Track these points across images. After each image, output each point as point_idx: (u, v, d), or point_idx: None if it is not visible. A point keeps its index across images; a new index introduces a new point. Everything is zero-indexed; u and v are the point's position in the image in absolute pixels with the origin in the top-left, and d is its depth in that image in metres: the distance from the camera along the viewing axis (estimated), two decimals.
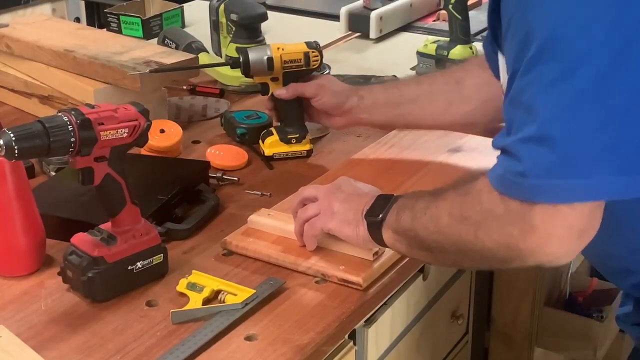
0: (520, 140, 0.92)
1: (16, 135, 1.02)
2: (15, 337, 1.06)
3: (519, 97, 0.92)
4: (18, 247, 1.20)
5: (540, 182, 0.90)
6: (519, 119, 0.92)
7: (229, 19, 1.84)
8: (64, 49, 1.67)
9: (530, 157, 0.91)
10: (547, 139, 0.89)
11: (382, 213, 1.13)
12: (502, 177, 0.95)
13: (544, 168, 0.90)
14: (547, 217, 0.91)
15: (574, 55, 0.87)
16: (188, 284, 1.16)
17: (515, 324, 1.88)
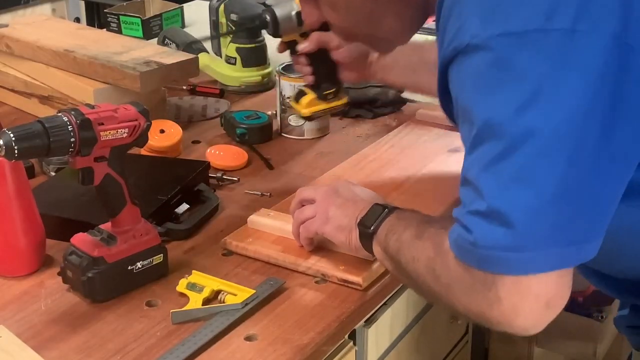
0: (468, 213, 0.90)
1: (16, 135, 1.02)
2: (15, 337, 1.06)
3: (466, 175, 0.92)
4: (18, 247, 1.20)
5: (491, 252, 0.88)
6: (469, 196, 0.91)
7: (229, 19, 1.84)
8: (64, 49, 1.67)
9: (479, 230, 0.89)
10: (492, 215, 0.88)
11: (374, 225, 1.12)
12: (457, 243, 0.93)
13: (494, 240, 0.88)
14: (512, 289, 0.89)
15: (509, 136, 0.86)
16: (188, 284, 1.16)
17: None
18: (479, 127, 0.88)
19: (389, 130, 1.67)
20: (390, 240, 1.08)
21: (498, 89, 0.86)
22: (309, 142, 1.63)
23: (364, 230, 1.13)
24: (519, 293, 0.89)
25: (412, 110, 1.74)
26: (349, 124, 1.71)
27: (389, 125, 1.69)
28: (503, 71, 0.85)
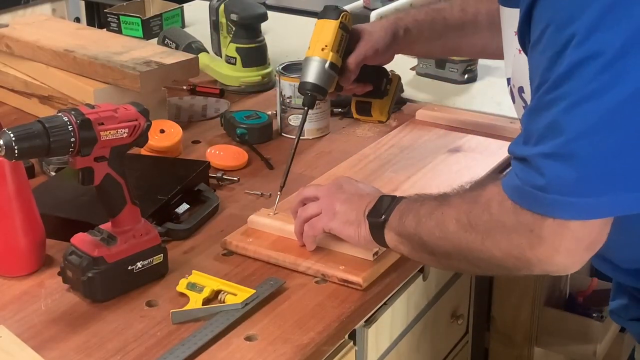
0: (542, 155, 0.92)
1: (16, 135, 1.02)
2: (15, 337, 1.06)
3: (543, 111, 0.92)
4: (18, 247, 1.20)
5: (560, 198, 0.92)
6: (541, 132, 0.93)
7: (229, 19, 1.84)
8: (64, 49, 1.67)
9: (552, 173, 0.92)
10: (570, 157, 0.90)
11: (385, 214, 1.13)
12: (520, 188, 0.96)
13: (565, 185, 0.91)
14: (557, 231, 0.93)
15: (607, 77, 0.88)
16: (188, 284, 1.16)
17: (515, 324, 1.88)
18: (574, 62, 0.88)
19: (389, 130, 1.67)
20: (407, 220, 1.10)
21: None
22: (309, 142, 1.63)
23: (374, 221, 1.14)
24: (563, 235, 0.94)
25: (412, 110, 1.74)
26: (349, 124, 1.71)
27: (389, 125, 1.69)
28: None
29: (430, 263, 1.16)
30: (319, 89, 1.37)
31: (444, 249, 1.06)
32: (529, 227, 0.95)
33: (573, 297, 1.97)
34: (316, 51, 1.37)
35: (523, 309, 1.86)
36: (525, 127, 0.97)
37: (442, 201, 1.07)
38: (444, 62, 1.89)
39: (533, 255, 0.96)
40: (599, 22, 0.87)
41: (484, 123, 1.64)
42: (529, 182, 0.94)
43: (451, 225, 1.04)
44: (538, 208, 0.94)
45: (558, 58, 0.90)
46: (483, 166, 1.50)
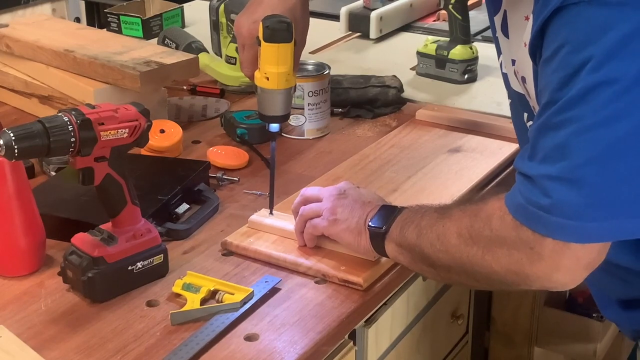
0: (548, 177, 0.93)
1: (16, 135, 1.02)
2: (15, 337, 1.06)
3: (552, 131, 0.93)
4: (18, 247, 1.20)
5: (563, 221, 0.92)
6: (548, 152, 0.93)
7: (229, 19, 1.84)
8: (64, 49, 1.67)
9: (558, 196, 0.92)
10: (577, 182, 0.91)
11: (386, 225, 1.13)
12: (524, 207, 0.96)
13: (569, 209, 0.92)
14: (558, 250, 0.95)
15: (621, 104, 0.88)
16: (184, 284, 1.15)
17: (515, 324, 1.88)
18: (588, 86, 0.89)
19: (389, 130, 1.67)
20: (407, 232, 1.10)
21: None
22: (309, 142, 1.63)
23: (375, 231, 1.14)
24: (563, 255, 0.94)
25: (412, 110, 1.74)
26: (349, 124, 1.71)
27: (389, 125, 1.69)
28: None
29: (430, 275, 1.16)
30: (288, 115, 1.35)
31: (444, 261, 1.07)
32: (529, 244, 0.96)
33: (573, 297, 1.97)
34: (281, 83, 1.28)
35: (523, 309, 1.86)
36: (533, 143, 0.97)
37: (443, 213, 1.08)
38: (444, 62, 1.89)
39: (532, 271, 0.97)
40: (618, 49, 0.88)
41: (484, 123, 1.64)
42: (533, 201, 0.95)
43: (452, 238, 1.04)
44: (541, 228, 0.95)
45: (571, 80, 0.90)
46: (483, 166, 1.50)
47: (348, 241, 1.18)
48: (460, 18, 1.87)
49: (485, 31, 2.17)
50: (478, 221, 1.02)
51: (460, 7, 1.87)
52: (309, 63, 1.67)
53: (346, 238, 1.18)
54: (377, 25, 2.16)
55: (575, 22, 0.91)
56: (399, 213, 1.14)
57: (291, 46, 1.27)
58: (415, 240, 1.09)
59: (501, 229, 0.99)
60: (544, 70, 0.96)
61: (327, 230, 1.20)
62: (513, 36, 1.14)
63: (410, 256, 1.11)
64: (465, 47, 1.89)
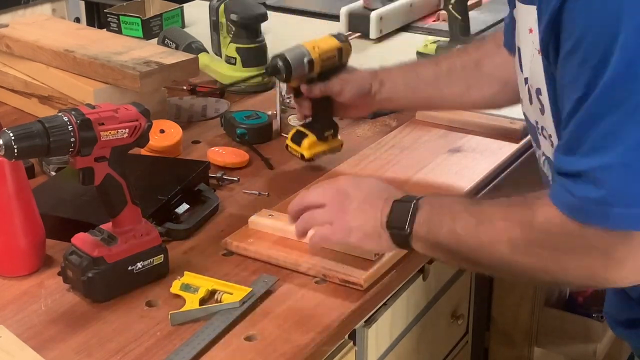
0: (600, 168, 0.90)
1: (16, 135, 1.02)
2: (15, 337, 1.06)
3: (596, 120, 0.89)
4: (18, 247, 1.20)
5: (625, 210, 0.89)
6: (597, 142, 0.90)
7: (229, 19, 1.84)
8: (64, 49, 1.67)
9: (614, 185, 0.89)
10: (631, 167, 0.88)
11: (407, 224, 1.09)
12: (579, 206, 0.93)
13: (629, 196, 0.89)
14: (630, 247, 0.92)
15: None
16: (182, 285, 1.15)
17: (515, 324, 1.88)
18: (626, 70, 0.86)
19: (389, 130, 1.67)
20: (440, 234, 1.07)
21: None
22: None
23: (397, 233, 1.10)
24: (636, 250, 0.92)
25: None
26: (349, 124, 1.71)
27: (389, 126, 1.69)
28: None
29: (474, 269, 1.16)
30: (287, 64, 1.41)
31: (494, 269, 1.07)
32: (601, 249, 0.93)
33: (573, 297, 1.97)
34: (307, 45, 1.44)
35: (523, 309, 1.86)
36: (574, 137, 0.93)
37: (480, 219, 1.04)
38: None
39: (608, 275, 0.95)
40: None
41: (484, 123, 1.64)
42: (587, 197, 0.91)
43: (504, 250, 1.01)
44: (604, 223, 0.91)
45: (604, 65, 0.87)
46: (483, 166, 1.50)
47: (369, 247, 1.15)
48: (460, 18, 1.88)
49: (485, 31, 2.17)
50: (534, 232, 0.98)
51: (460, 7, 1.87)
52: None
53: (367, 244, 1.14)
54: (377, 25, 2.16)
55: (590, 8, 0.88)
56: (418, 209, 1.09)
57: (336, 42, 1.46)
58: (456, 246, 1.05)
59: (566, 238, 0.95)
60: (568, 65, 0.92)
61: (344, 240, 1.15)
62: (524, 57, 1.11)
63: (448, 255, 1.10)
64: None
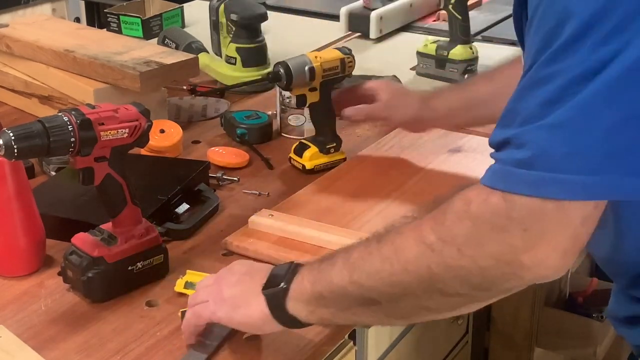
0: (529, 130, 0.83)
1: (16, 135, 1.02)
2: (15, 337, 1.06)
3: (534, 88, 0.85)
4: (18, 247, 1.20)
5: (550, 175, 0.82)
6: (530, 109, 0.84)
7: (229, 19, 1.84)
8: (64, 49, 1.67)
9: (541, 145, 0.82)
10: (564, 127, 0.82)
11: (284, 280, 0.98)
12: (501, 170, 0.86)
13: (554, 158, 0.82)
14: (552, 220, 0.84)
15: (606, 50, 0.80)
16: (186, 283, 1.15)
17: (515, 324, 1.88)
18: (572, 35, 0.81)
19: (389, 130, 1.66)
20: (332, 277, 0.95)
21: None
22: None
23: (273, 292, 0.98)
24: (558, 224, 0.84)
25: None
26: (349, 124, 1.71)
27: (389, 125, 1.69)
28: None
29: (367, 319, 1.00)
30: (288, 71, 1.44)
31: (396, 287, 0.91)
32: (522, 224, 0.84)
33: (573, 297, 1.97)
34: (310, 55, 1.48)
35: (523, 309, 1.86)
36: (511, 108, 0.87)
37: (382, 237, 0.94)
38: (444, 62, 1.89)
39: (523, 257, 0.85)
40: None
41: None
42: (512, 159, 0.84)
43: (411, 250, 0.90)
44: (526, 189, 0.83)
45: (555, 32, 0.83)
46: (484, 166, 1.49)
47: (238, 320, 1.01)
48: (460, 18, 1.87)
49: (485, 31, 2.17)
50: (448, 217, 0.88)
51: (460, 7, 1.87)
52: None
53: (236, 317, 1.01)
54: (377, 25, 2.16)
55: None
56: (297, 267, 0.99)
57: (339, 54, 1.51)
58: (348, 279, 0.93)
59: (486, 213, 0.86)
60: (527, 41, 0.88)
61: (214, 314, 1.02)
62: None
63: (336, 305, 0.96)
64: (465, 47, 1.89)
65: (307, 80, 1.46)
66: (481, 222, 0.86)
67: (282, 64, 1.45)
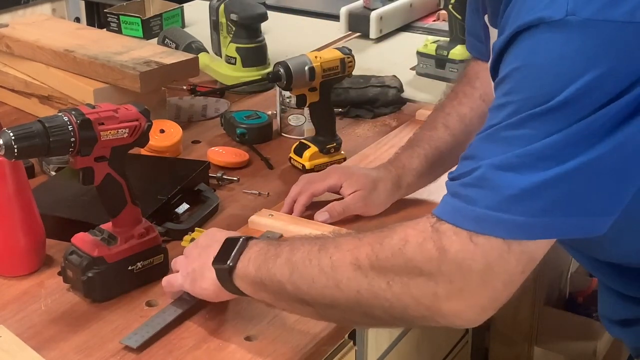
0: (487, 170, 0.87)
1: (16, 135, 1.02)
2: (15, 337, 1.06)
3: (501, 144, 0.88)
4: (18, 247, 1.20)
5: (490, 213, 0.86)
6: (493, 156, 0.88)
7: (229, 19, 1.84)
8: (64, 49, 1.67)
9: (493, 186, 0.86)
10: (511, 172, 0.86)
11: (231, 258, 1.03)
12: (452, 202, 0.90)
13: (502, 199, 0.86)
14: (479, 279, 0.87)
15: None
16: (191, 240, 1.17)
17: (515, 323, 1.88)
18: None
19: (389, 130, 1.67)
20: (273, 268, 0.99)
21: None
22: None
23: (220, 268, 1.04)
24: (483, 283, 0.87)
25: (412, 110, 1.74)
26: (349, 124, 1.71)
27: (389, 125, 1.69)
28: None
29: (302, 313, 1.04)
30: (288, 71, 1.44)
31: (328, 298, 0.96)
32: (449, 277, 0.88)
33: (573, 297, 1.97)
34: (310, 55, 1.48)
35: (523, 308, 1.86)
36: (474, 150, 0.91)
37: (324, 245, 0.97)
38: (444, 62, 1.89)
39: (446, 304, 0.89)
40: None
41: None
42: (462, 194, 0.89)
43: (346, 271, 0.94)
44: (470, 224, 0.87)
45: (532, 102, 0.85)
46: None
47: (197, 292, 1.08)
48: (460, 18, 1.87)
49: None
50: (384, 250, 0.92)
51: (460, 7, 1.87)
52: None
53: (196, 289, 1.08)
54: (377, 25, 2.16)
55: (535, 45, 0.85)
56: (245, 244, 1.04)
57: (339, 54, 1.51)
58: (287, 278, 0.98)
59: (419, 257, 0.89)
60: (496, 91, 0.91)
61: (182, 287, 1.11)
62: None
63: (275, 295, 1.01)
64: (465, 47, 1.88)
65: (307, 80, 1.46)
66: (412, 265, 0.90)
67: (282, 64, 1.46)
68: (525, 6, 0.87)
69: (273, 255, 1.01)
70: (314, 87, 1.47)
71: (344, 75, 1.51)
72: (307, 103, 1.49)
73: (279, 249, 1.01)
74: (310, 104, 1.50)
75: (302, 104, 1.50)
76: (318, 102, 1.49)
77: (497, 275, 0.88)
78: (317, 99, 1.49)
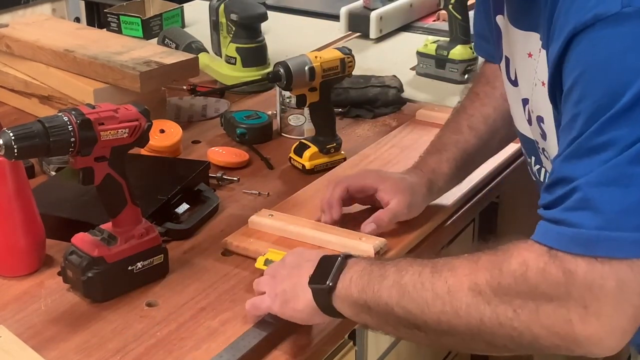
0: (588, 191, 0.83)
1: (16, 135, 1.02)
2: (15, 337, 1.06)
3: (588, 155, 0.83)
4: (18, 247, 1.20)
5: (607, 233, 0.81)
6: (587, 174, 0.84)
7: (229, 19, 1.84)
8: (64, 49, 1.67)
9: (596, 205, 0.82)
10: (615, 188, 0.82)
11: (330, 278, 0.98)
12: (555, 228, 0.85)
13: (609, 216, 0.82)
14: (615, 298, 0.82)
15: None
16: (265, 260, 1.16)
17: None
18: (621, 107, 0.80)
19: (389, 130, 1.67)
20: (379, 291, 0.95)
21: None
22: None
23: (318, 288, 0.99)
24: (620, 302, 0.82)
25: (412, 110, 1.74)
26: (349, 124, 1.71)
27: (389, 125, 1.69)
28: None
29: (406, 337, 1.00)
30: (288, 71, 1.44)
31: (444, 325, 0.91)
32: (581, 301, 0.82)
33: None
34: (310, 55, 1.48)
35: None
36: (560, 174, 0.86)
37: (436, 267, 0.92)
38: (444, 62, 1.89)
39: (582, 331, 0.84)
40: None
41: None
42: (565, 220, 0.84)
43: (464, 297, 0.89)
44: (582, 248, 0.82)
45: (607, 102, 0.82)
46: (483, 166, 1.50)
47: (290, 315, 1.03)
48: (460, 18, 1.87)
49: None
50: (505, 276, 0.87)
51: (460, 7, 1.87)
52: None
53: (287, 312, 1.03)
54: (377, 25, 2.16)
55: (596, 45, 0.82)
56: (344, 264, 0.99)
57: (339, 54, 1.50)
58: (397, 301, 0.93)
59: (543, 283, 0.84)
60: (567, 103, 0.87)
61: (270, 309, 1.06)
62: (521, 78, 1.08)
63: (380, 318, 0.96)
64: (465, 47, 1.89)
65: (307, 80, 1.46)
66: (539, 292, 0.85)
67: (282, 64, 1.46)
68: (574, 6, 0.83)
69: (379, 277, 0.95)
70: (314, 87, 1.47)
71: (344, 75, 1.51)
72: (307, 103, 1.49)
73: (383, 270, 0.96)
74: (310, 104, 1.50)
75: (302, 104, 1.50)
76: (318, 102, 1.49)
77: (632, 291, 0.83)
78: (317, 99, 1.49)
